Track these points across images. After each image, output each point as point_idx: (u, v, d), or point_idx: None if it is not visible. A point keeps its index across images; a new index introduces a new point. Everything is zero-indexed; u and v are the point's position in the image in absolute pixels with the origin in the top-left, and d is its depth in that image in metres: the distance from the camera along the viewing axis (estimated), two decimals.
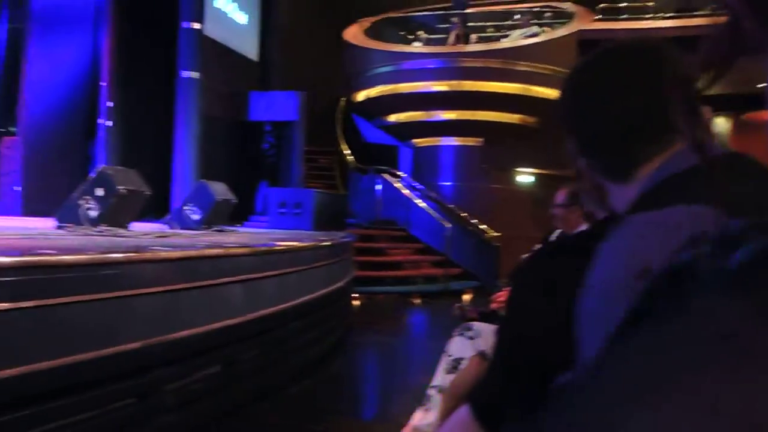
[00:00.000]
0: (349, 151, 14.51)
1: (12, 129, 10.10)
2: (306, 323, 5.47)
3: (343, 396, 5.15)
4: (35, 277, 2.84)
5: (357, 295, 9.06)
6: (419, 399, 3.21)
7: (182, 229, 6.48)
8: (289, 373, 4.95)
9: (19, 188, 9.54)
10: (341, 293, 6.97)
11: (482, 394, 1.11)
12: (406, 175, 13.94)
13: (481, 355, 3.02)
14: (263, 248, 4.71)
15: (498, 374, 1.10)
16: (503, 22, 15.01)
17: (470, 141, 13.84)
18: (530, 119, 13.47)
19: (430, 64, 13.28)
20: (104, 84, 9.86)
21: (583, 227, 3.13)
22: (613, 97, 0.93)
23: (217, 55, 11.09)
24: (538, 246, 3.21)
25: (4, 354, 2.65)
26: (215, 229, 6.74)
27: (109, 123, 9.78)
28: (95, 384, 3.09)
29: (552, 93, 13.01)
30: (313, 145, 12.97)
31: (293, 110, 11.63)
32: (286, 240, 5.65)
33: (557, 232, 3.61)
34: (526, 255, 3.46)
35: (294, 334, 5.20)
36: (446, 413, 2.88)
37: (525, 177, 14.22)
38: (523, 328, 1.04)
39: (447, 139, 13.94)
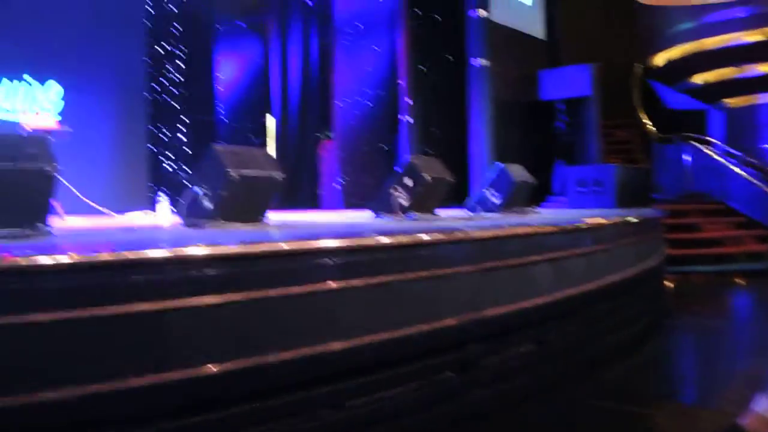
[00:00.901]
0: (648, 121, 13.55)
1: (328, 134, 11.41)
2: (616, 304, 5.23)
3: (663, 379, 4.80)
4: (361, 258, 3.11)
5: (669, 275, 8.43)
6: (752, 385, 2.87)
7: (485, 212, 6.65)
8: (602, 355, 4.77)
9: (339, 185, 10.79)
10: (653, 273, 6.53)
11: None
12: (718, 141, 12.57)
13: None
14: (570, 226, 4.60)
15: None
16: None
17: None
18: None
19: (739, 12, 11.75)
20: (402, 82, 10.56)
21: None
22: None
23: (505, 39, 11.13)
24: None
25: (337, 330, 2.92)
26: (516, 210, 6.79)
27: (410, 120, 10.46)
28: (420, 357, 3.29)
29: None
30: (607, 118, 12.33)
31: (586, 85, 11.18)
32: (592, 218, 5.45)
33: None
34: None
35: (605, 315, 5.00)
36: None
37: None
38: None
39: (766, 95, 12.28)
